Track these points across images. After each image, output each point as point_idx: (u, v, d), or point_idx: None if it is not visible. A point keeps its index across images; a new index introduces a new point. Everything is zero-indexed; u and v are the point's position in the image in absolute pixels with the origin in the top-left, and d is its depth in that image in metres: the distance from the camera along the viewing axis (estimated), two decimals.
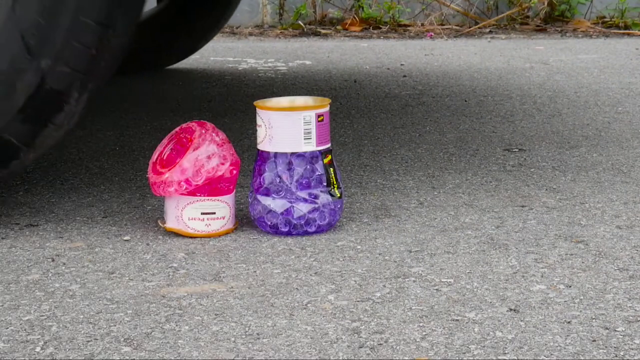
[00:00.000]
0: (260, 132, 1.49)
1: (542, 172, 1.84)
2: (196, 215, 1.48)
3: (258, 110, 1.49)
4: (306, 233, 1.49)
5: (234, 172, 1.48)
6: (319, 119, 1.48)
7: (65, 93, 1.41)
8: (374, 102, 2.57)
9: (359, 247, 1.44)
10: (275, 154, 1.47)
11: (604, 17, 4.15)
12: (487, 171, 1.85)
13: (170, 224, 1.50)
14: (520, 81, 2.86)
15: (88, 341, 1.13)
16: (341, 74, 3.03)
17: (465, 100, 2.56)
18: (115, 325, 1.18)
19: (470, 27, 4.10)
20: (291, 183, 1.47)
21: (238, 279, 1.33)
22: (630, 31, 3.99)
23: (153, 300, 1.25)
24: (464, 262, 1.37)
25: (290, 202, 1.47)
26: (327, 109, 1.49)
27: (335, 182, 1.49)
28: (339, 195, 1.50)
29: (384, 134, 2.18)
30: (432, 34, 4.02)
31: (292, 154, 1.47)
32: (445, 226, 1.53)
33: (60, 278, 1.34)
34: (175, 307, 1.23)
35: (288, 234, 1.49)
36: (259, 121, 1.49)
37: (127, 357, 1.09)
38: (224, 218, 1.49)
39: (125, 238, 1.50)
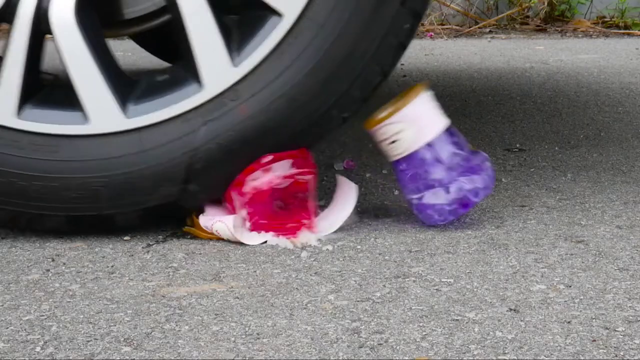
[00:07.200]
0: (406, 136, 1.48)
1: (542, 172, 1.84)
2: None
3: (390, 119, 1.48)
4: (474, 204, 1.49)
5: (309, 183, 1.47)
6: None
7: (186, 210, 1.50)
8: (374, 102, 2.56)
9: (359, 247, 1.44)
10: (428, 144, 1.47)
11: (604, 17, 4.15)
12: None
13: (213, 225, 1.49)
14: (520, 81, 2.86)
15: (88, 341, 1.13)
16: None
17: (465, 100, 2.56)
18: (115, 325, 1.18)
19: (470, 27, 4.10)
20: (451, 161, 1.47)
21: (238, 279, 1.33)
22: (630, 31, 3.99)
23: (153, 300, 1.25)
24: (464, 262, 1.37)
25: (456, 181, 1.47)
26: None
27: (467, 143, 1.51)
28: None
29: None
30: (432, 34, 4.02)
31: (438, 133, 1.47)
32: (445, 226, 1.53)
33: (60, 278, 1.34)
34: (175, 307, 1.23)
35: (464, 210, 1.49)
36: (396, 128, 1.48)
37: (127, 357, 1.09)
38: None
39: (125, 238, 1.50)
